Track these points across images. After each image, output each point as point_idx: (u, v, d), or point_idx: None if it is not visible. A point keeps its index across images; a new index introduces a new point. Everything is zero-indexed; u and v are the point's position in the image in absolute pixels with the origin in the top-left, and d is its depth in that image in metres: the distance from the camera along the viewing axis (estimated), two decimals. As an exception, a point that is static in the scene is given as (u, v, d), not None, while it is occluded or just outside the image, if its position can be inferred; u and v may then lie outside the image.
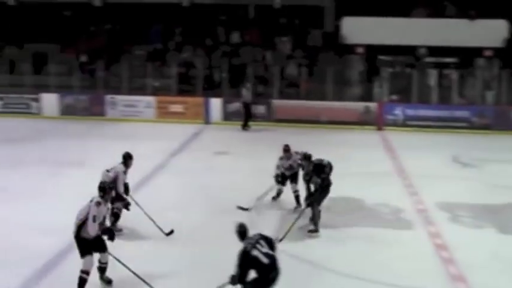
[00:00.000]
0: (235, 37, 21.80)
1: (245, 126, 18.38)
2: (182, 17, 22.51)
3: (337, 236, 9.53)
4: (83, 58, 21.55)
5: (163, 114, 19.39)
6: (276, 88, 19.73)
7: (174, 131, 17.83)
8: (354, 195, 11.40)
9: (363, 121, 18.80)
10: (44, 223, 9.81)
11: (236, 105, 19.06)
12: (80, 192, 11.38)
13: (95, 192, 7.63)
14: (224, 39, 21.79)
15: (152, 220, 9.34)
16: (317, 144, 13.90)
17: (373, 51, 20.25)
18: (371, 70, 20.08)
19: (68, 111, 19.98)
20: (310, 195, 9.61)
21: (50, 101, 20.02)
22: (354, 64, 20.44)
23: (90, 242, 7.29)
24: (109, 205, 8.34)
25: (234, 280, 6.23)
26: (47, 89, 20.30)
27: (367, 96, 19.62)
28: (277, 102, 19.26)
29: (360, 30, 20.24)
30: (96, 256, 7.50)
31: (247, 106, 18.39)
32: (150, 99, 19.70)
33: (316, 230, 9.54)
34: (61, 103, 20.04)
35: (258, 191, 10.86)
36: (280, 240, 8.91)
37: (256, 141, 16.90)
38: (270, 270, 6.19)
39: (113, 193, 8.55)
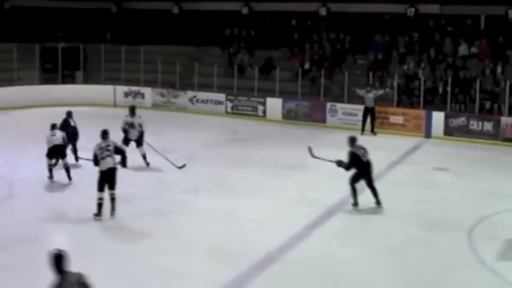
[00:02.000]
0: (463, 49, 20.77)
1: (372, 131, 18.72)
2: (406, 27, 22.13)
3: None
4: (307, 65, 22.25)
5: (383, 124, 19.19)
6: (506, 105, 18.35)
7: (392, 143, 17.61)
8: None
9: None
10: (259, 220, 10.38)
11: (461, 120, 18.23)
12: (295, 195, 11.93)
13: (310, 196, 7.76)
14: (451, 51, 20.89)
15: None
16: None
17: None
18: None
19: (289, 116, 20.80)
20: None
21: (274, 105, 21.03)
22: None
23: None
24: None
25: None
26: (272, 93, 21.33)
27: None
28: (507, 120, 17.91)
29: None
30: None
31: (369, 110, 18.79)
32: (370, 109, 19.63)
33: None
34: (284, 108, 20.93)
35: (477, 211, 10.35)
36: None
37: (480, 160, 15.92)
38: None
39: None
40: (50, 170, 12.76)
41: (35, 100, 21.90)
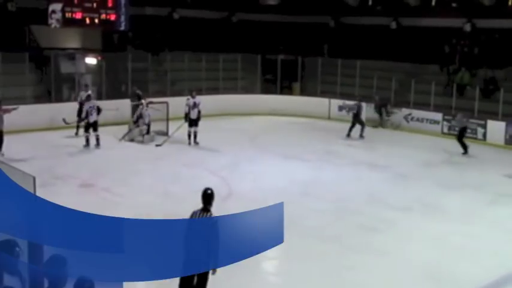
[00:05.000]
0: None
1: None
2: None
3: None
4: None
5: None
6: None
7: None
8: None
9: None
10: (472, 249, 9.82)
11: None
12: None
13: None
14: None
15: None
16: None
17: None
18: None
19: (512, 142, 19.32)
20: None
21: (496, 128, 19.61)
22: None
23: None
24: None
25: None
26: (494, 116, 19.97)
27: None
28: None
29: None
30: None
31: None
32: None
33: None
34: (507, 132, 19.46)
35: None
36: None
37: None
38: None
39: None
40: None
41: (255, 108, 23.12)
